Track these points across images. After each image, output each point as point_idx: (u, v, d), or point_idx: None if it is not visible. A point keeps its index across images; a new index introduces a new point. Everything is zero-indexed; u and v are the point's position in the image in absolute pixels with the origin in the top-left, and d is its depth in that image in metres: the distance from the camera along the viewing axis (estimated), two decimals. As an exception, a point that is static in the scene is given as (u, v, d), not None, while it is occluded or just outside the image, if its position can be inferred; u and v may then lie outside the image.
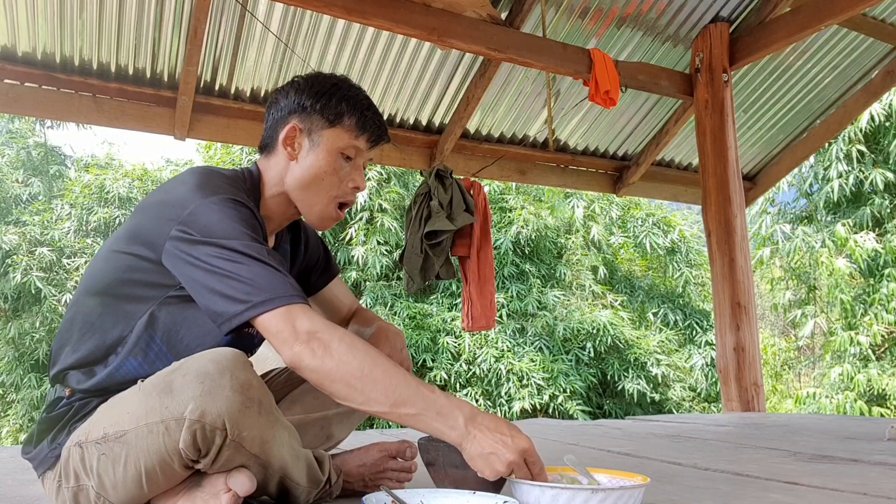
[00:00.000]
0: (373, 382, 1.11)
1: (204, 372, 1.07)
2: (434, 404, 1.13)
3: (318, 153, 1.35)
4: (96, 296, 1.27)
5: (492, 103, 4.51)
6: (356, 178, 1.39)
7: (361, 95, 1.39)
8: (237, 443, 1.09)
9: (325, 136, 1.35)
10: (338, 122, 1.35)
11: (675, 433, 2.84)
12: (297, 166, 1.36)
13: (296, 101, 1.37)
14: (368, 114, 1.38)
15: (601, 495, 1.08)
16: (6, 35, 3.38)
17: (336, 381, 1.11)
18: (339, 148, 1.36)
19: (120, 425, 1.12)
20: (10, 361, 8.69)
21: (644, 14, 4.16)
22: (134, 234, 1.24)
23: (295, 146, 1.36)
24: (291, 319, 1.11)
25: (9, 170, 10.64)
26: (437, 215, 3.91)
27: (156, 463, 1.10)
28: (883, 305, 8.12)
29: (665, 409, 8.44)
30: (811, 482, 1.58)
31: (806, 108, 5.19)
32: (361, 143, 1.37)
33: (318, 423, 1.45)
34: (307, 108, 1.35)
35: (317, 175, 1.35)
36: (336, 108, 1.35)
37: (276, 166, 1.38)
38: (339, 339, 1.12)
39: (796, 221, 9.24)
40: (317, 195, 1.37)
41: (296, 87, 1.38)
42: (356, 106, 1.36)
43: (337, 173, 1.37)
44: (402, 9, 3.30)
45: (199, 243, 1.15)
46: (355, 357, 1.12)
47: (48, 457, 1.24)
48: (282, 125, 1.37)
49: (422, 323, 7.71)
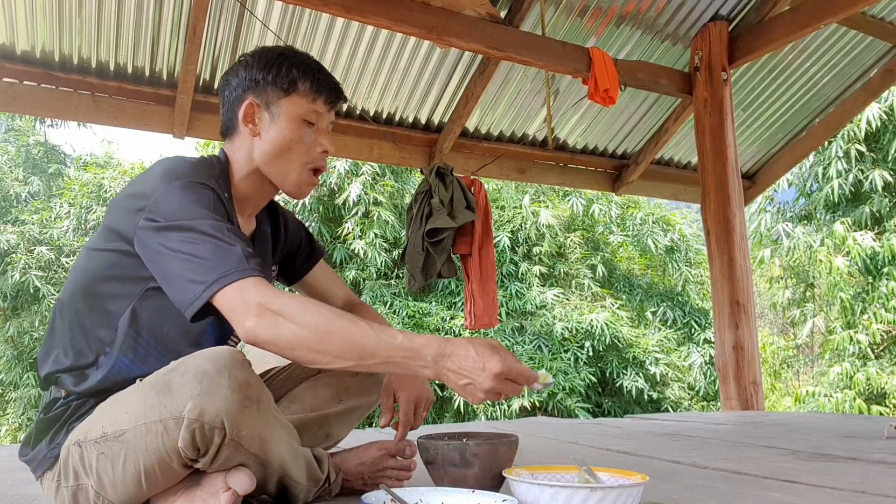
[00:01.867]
0: (333, 342, 1.09)
1: (202, 371, 1.07)
2: (399, 349, 1.11)
3: (279, 124, 1.34)
4: (79, 297, 1.27)
5: (491, 102, 4.50)
6: (323, 141, 1.39)
7: (311, 60, 1.39)
8: (236, 441, 1.09)
9: (283, 106, 1.34)
10: (293, 90, 1.34)
11: (674, 431, 2.85)
12: (261, 141, 1.35)
13: (247, 77, 1.36)
14: (321, 76, 1.37)
15: (600, 493, 1.08)
16: (5, 33, 3.38)
17: (296, 347, 1.10)
18: (300, 115, 1.35)
19: (119, 424, 1.12)
20: (9, 360, 8.69)
21: (643, 12, 4.16)
22: (109, 230, 1.24)
23: (255, 121, 1.35)
24: (241, 294, 1.09)
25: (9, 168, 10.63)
26: (438, 213, 3.91)
27: (155, 462, 1.10)
28: (882, 304, 8.12)
29: (663, 408, 8.45)
30: (810, 480, 1.59)
31: (805, 106, 5.19)
32: (320, 106, 1.37)
33: (316, 421, 1.45)
34: (260, 81, 1.34)
35: (283, 145, 1.34)
36: (288, 75, 1.34)
37: (243, 146, 1.37)
38: (290, 306, 1.10)
39: (795, 220, 9.25)
40: (288, 164, 1.36)
41: (244, 64, 1.38)
42: (307, 71, 1.36)
43: (303, 140, 1.36)
44: (402, 7, 3.30)
45: (162, 229, 1.14)
46: (310, 320, 1.09)
47: (47, 457, 1.23)
48: (238, 104, 1.36)
49: (421, 322, 7.71)
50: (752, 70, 4.74)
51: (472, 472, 1.31)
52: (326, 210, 8.50)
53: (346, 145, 4.34)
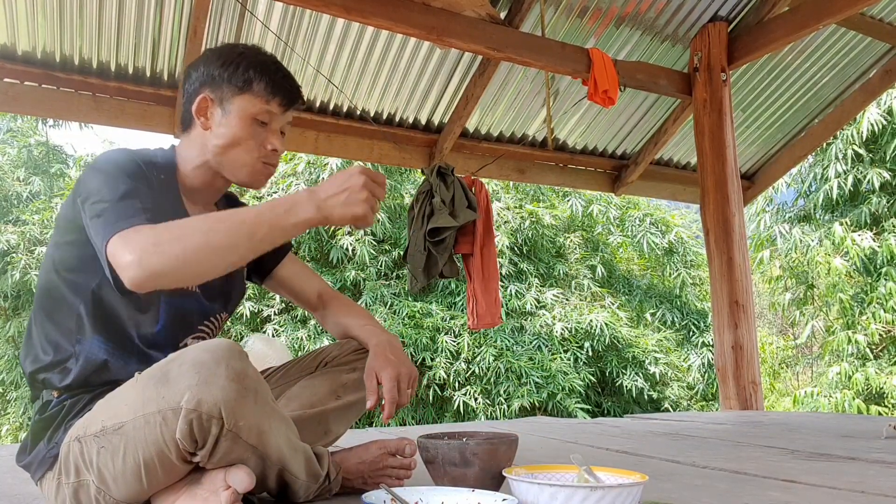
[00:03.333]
0: (219, 232, 1.14)
1: (199, 361, 1.08)
2: (277, 207, 1.17)
3: (230, 120, 1.37)
4: (45, 294, 1.32)
5: (491, 102, 4.51)
6: (273, 141, 1.40)
7: (270, 61, 1.40)
8: (234, 433, 1.09)
9: (236, 104, 1.36)
10: (247, 89, 1.36)
11: (673, 431, 2.85)
12: (212, 135, 1.38)
13: (205, 72, 1.38)
14: (277, 78, 1.39)
15: (599, 493, 1.08)
16: (6, 34, 3.38)
17: (189, 257, 1.12)
18: (252, 114, 1.37)
19: (118, 417, 1.13)
20: (10, 360, 8.69)
21: (643, 13, 4.17)
22: (62, 224, 1.31)
23: (208, 115, 1.38)
24: (123, 243, 1.12)
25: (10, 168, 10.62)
26: (439, 212, 3.91)
27: (154, 454, 1.11)
28: (881, 304, 8.12)
29: (663, 407, 8.45)
30: (809, 480, 1.59)
31: (804, 107, 5.20)
32: (273, 107, 1.38)
33: (315, 418, 1.45)
34: (216, 77, 1.37)
35: (232, 141, 1.37)
36: (244, 74, 1.36)
37: (197, 138, 1.40)
38: (163, 228, 1.13)
39: (794, 220, 9.25)
40: (237, 159, 1.38)
41: (205, 59, 1.41)
42: (264, 71, 1.37)
43: (253, 138, 1.38)
44: (402, 8, 3.31)
45: (86, 202, 1.21)
46: (188, 228, 1.14)
47: (46, 457, 1.24)
48: (194, 97, 1.39)
49: (421, 322, 7.71)
50: (752, 71, 4.75)
51: (471, 472, 1.32)
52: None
53: (347, 146, 4.34)
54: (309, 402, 1.47)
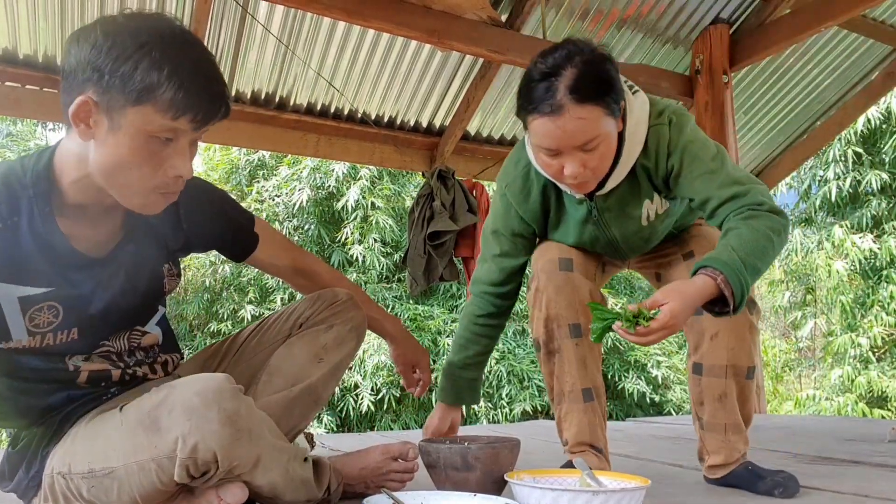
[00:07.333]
0: None
1: (190, 407, 1.06)
2: None
3: (119, 139, 1.03)
4: None
5: (492, 105, 4.51)
6: (177, 164, 1.07)
7: (184, 57, 1.02)
8: (230, 471, 1.11)
9: (130, 118, 1.01)
10: (146, 99, 1.00)
11: (676, 435, 2.84)
12: (97, 145, 1.05)
13: (90, 60, 1.00)
14: (192, 86, 1.02)
15: (602, 497, 1.08)
16: (7, 37, 3.38)
17: None
18: (150, 132, 1.03)
19: (107, 462, 1.12)
20: None
21: (644, 16, 4.16)
22: None
23: (90, 124, 1.03)
24: None
25: (9, 172, 10.64)
26: (439, 216, 3.91)
27: (150, 491, 1.12)
28: (882, 307, 8.11)
29: (665, 411, 8.44)
30: (812, 484, 1.58)
31: (806, 109, 5.19)
32: (182, 124, 1.04)
33: (304, 392, 1.41)
34: (105, 75, 1.00)
35: (120, 164, 1.04)
36: (144, 79, 0.99)
37: (75, 146, 1.08)
38: None
39: (795, 223, 9.25)
40: (127, 184, 1.07)
41: (93, 37, 1.01)
42: (174, 75, 1.00)
43: (149, 162, 1.05)
44: (403, 11, 3.31)
45: None
46: None
47: (30, 486, 1.23)
48: (73, 95, 1.02)
49: (423, 325, 7.71)
50: (753, 73, 4.74)
51: (473, 476, 1.31)
52: (324, 213, 8.49)
53: (348, 149, 4.34)
54: (293, 375, 1.40)
